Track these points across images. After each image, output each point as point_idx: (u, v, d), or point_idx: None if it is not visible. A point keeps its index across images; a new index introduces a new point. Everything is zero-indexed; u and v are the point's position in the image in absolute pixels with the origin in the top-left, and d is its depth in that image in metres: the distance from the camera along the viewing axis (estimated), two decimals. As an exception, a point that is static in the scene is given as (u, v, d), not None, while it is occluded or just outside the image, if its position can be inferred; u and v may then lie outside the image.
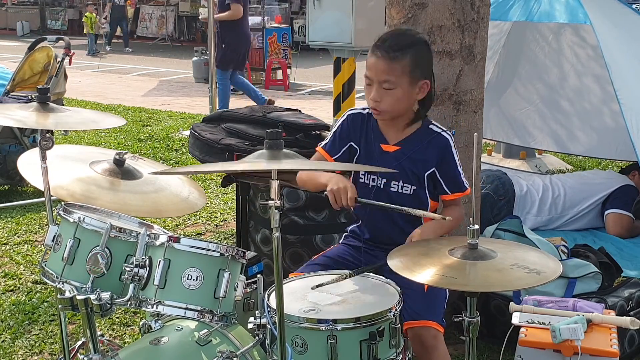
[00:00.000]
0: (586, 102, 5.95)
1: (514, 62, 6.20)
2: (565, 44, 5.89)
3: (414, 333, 2.41)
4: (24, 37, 23.02)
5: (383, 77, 2.47)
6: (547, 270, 1.96)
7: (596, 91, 5.82)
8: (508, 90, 6.31)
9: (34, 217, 5.47)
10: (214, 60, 8.92)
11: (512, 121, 6.43)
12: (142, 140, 8.06)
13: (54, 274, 2.24)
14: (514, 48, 6.14)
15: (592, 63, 5.72)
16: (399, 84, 2.48)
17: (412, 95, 2.52)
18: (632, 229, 4.78)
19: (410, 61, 2.47)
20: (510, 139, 6.55)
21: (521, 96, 6.30)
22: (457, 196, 2.60)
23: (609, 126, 5.81)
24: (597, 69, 5.60)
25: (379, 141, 2.62)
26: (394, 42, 2.49)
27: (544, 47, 6.02)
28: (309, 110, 5.24)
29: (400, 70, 2.47)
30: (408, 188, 2.58)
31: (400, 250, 2.16)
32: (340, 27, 6.73)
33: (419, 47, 2.53)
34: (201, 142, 4.10)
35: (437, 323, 2.44)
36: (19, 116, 2.53)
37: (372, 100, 2.51)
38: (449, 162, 2.58)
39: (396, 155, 2.58)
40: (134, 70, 15.75)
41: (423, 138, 2.59)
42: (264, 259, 3.28)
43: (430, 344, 2.41)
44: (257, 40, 14.10)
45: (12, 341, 3.58)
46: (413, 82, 2.50)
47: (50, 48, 6.50)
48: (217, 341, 2.24)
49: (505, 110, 6.40)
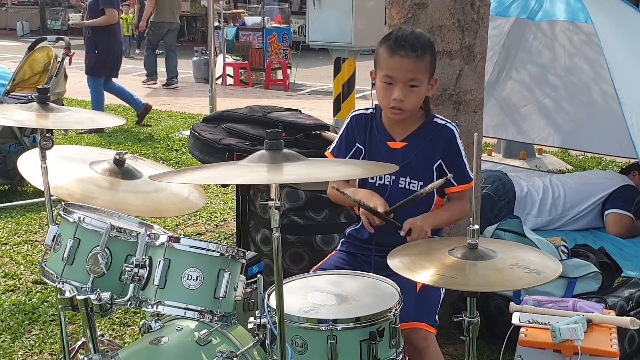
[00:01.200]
0: (575, 77, 5.96)
1: (511, 56, 6.21)
2: (559, 31, 5.89)
3: (404, 335, 2.41)
4: (24, 37, 23.03)
5: (410, 75, 2.49)
6: (547, 270, 1.96)
7: (587, 71, 5.84)
8: (507, 85, 6.29)
9: (34, 217, 5.47)
10: (213, 60, 8.90)
11: (511, 117, 6.41)
12: (142, 140, 8.06)
13: (54, 274, 2.24)
14: (512, 45, 6.14)
15: (585, 47, 5.72)
16: (422, 82, 2.52)
17: (426, 92, 2.57)
18: (632, 229, 4.79)
19: (430, 59, 2.53)
20: (512, 136, 6.53)
21: (518, 88, 6.28)
22: (462, 188, 2.61)
23: (612, 122, 5.78)
24: (590, 53, 5.61)
25: (385, 139, 2.63)
26: (415, 41, 2.50)
27: (537, 34, 6.02)
28: (309, 110, 5.25)
29: (424, 69, 2.51)
30: (415, 184, 2.58)
31: (400, 250, 2.16)
32: (340, 27, 6.74)
33: (432, 46, 2.59)
34: (201, 142, 4.10)
35: (428, 324, 2.43)
36: (19, 116, 2.53)
37: (397, 99, 2.51)
38: (454, 153, 2.59)
39: (404, 151, 2.60)
40: (134, 70, 15.74)
41: (428, 132, 2.60)
42: (264, 259, 3.28)
43: (420, 345, 2.40)
44: (257, 40, 14.12)
45: (12, 341, 3.58)
46: (430, 80, 2.56)
47: (50, 48, 6.51)
48: (217, 341, 2.24)
49: (505, 107, 6.38)
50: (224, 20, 14.36)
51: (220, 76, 12.97)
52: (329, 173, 2.09)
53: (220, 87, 11.97)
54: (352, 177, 2.45)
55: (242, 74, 13.76)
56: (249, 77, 13.71)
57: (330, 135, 3.95)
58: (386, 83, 2.52)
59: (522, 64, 6.20)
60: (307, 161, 1.97)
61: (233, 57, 13.77)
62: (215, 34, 10.18)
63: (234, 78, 13.50)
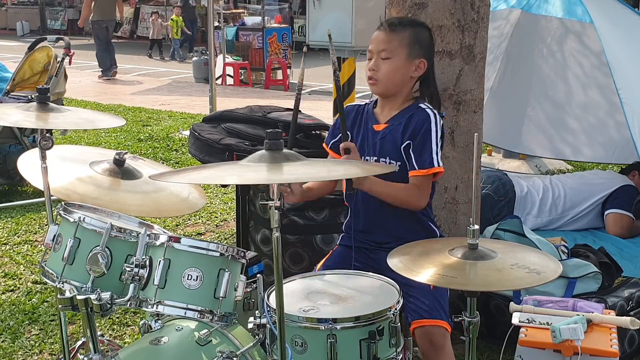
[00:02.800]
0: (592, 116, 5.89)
1: (517, 75, 6.08)
2: (568, 54, 5.78)
3: (423, 331, 2.43)
4: (24, 37, 23.02)
5: (381, 46, 2.59)
6: (547, 271, 1.96)
7: (602, 104, 5.75)
8: (512, 100, 6.20)
9: (34, 217, 5.47)
10: (213, 60, 8.89)
11: (516, 133, 6.34)
12: (142, 140, 8.06)
13: (54, 274, 2.24)
14: (517, 59, 6.02)
15: (596, 72, 5.64)
16: (395, 54, 2.58)
17: (407, 70, 2.60)
18: (632, 229, 4.79)
19: (409, 36, 2.59)
20: (515, 148, 6.51)
21: (526, 112, 6.18)
22: (420, 173, 2.54)
23: (614, 138, 5.79)
24: (601, 78, 5.52)
25: (372, 123, 2.69)
26: (396, 19, 2.68)
27: (548, 60, 5.91)
28: (309, 110, 5.25)
29: (398, 42, 2.58)
30: (394, 164, 2.60)
31: (400, 249, 2.16)
32: (340, 27, 6.73)
33: (419, 28, 2.67)
34: (201, 142, 4.10)
35: (447, 322, 2.47)
36: (19, 116, 2.53)
37: (369, 69, 2.62)
38: (423, 136, 2.55)
39: (382, 132, 2.64)
40: (134, 70, 15.75)
41: (407, 115, 2.62)
42: (264, 259, 3.28)
43: (439, 342, 2.44)
44: (257, 40, 14.12)
45: (12, 341, 3.58)
46: (410, 58, 2.59)
47: (50, 48, 6.50)
48: (217, 341, 2.24)
49: (509, 121, 6.32)
50: (224, 20, 14.37)
51: (220, 76, 12.97)
52: (329, 173, 2.09)
53: (220, 87, 11.98)
54: (350, 177, 2.45)
55: (242, 74, 13.76)
56: (249, 77, 13.71)
57: (330, 135, 3.95)
58: (368, 58, 2.65)
59: (537, 99, 6.11)
60: (307, 161, 1.97)
61: (233, 57, 13.77)
62: (215, 34, 10.18)
63: (234, 78, 13.50)
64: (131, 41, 21.13)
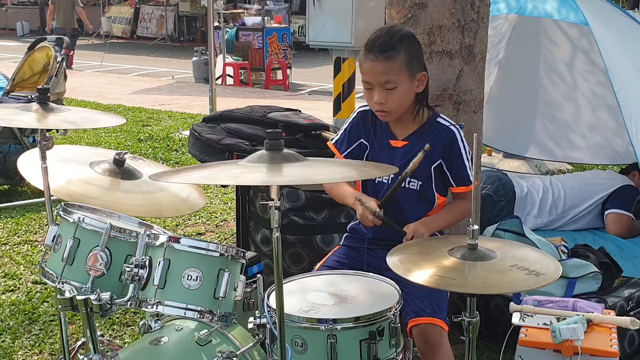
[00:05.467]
0: (599, 135, 5.87)
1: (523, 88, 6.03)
2: (577, 75, 5.73)
3: (419, 330, 2.41)
4: (24, 37, 23.02)
5: (383, 78, 2.49)
6: (547, 272, 1.95)
7: (610, 124, 5.72)
8: (512, 104, 6.17)
9: (34, 217, 5.47)
10: (213, 60, 8.89)
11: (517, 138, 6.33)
12: (142, 140, 8.06)
13: (54, 274, 2.24)
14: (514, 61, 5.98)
15: (606, 91, 5.52)
16: (400, 81, 2.50)
17: (413, 89, 2.55)
18: (632, 229, 4.79)
19: (404, 56, 2.50)
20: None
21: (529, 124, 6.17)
22: (463, 190, 2.61)
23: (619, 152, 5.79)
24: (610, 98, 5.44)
25: (388, 137, 2.64)
26: (385, 41, 2.50)
27: (556, 82, 5.86)
28: (309, 110, 5.24)
29: (397, 68, 2.49)
30: (415, 183, 2.59)
31: (400, 249, 2.15)
32: (340, 27, 6.74)
33: (409, 41, 2.54)
34: (201, 142, 4.10)
35: (443, 321, 2.45)
36: (19, 116, 2.53)
37: (377, 103, 2.53)
38: (456, 155, 2.58)
39: (404, 150, 2.60)
40: (134, 70, 15.76)
41: (430, 132, 2.60)
42: (264, 259, 3.28)
43: (435, 341, 2.42)
44: (257, 40, 14.12)
45: (12, 341, 3.58)
46: (412, 76, 2.53)
47: (50, 48, 6.49)
48: (217, 341, 2.24)
49: (508, 125, 6.30)
50: (224, 20, 14.36)
51: (220, 76, 12.96)
52: (328, 174, 2.09)
53: (220, 87, 11.97)
54: (350, 179, 2.45)
55: (242, 74, 13.76)
56: (249, 77, 13.70)
57: (330, 135, 3.95)
58: (367, 88, 2.56)
59: (545, 116, 6.07)
60: (307, 161, 1.97)
61: (233, 57, 13.76)
62: (215, 34, 10.18)
63: (234, 78, 13.49)
64: (131, 41, 21.12)
